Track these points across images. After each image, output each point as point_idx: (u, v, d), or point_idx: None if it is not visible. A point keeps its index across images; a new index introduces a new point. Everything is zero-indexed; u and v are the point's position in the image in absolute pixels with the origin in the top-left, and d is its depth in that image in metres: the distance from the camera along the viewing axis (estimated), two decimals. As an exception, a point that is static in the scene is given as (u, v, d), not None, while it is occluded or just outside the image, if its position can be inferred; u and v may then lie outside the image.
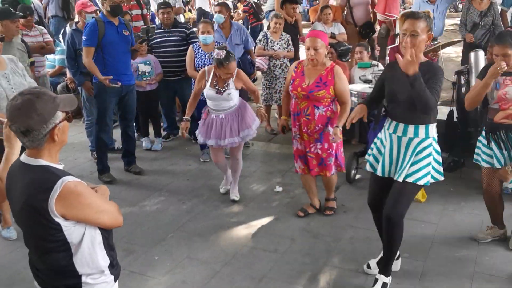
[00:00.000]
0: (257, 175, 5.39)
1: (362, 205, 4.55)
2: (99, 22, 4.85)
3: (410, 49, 2.74)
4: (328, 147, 4.06)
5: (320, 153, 4.07)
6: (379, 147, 3.32)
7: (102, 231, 1.98)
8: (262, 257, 3.81)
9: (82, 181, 1.91)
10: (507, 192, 4.54)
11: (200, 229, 4.25)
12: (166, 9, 5.97)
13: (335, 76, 3.91)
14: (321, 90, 3.89)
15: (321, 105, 3.95)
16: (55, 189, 1.80)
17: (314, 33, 3.98)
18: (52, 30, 9.05)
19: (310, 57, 3.85)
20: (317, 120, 3.97)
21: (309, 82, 3.93)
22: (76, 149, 6.18)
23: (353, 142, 6.01)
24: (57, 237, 1.86)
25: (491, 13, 6.55)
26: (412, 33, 2.90)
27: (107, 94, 5.02)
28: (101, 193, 2.02)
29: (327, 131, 3.99)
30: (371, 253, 3.77)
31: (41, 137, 1.85)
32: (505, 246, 3.78)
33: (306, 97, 3.94)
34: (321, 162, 4.11)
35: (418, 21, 2.91)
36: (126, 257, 3.80)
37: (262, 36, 6.36)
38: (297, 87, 3.96)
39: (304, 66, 4.01)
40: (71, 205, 1.82)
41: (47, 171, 1.86)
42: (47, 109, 1.84)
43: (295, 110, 4.06)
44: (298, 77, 4.00)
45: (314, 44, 3.82)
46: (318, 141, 4.04)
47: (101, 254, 1.98)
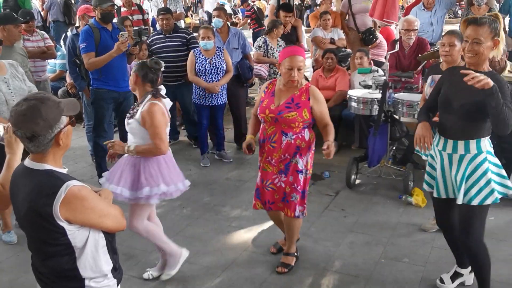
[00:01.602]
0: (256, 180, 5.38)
1: (362, 210, 4.58)
2: (94, 29, 4.87)
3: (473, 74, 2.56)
4: (293, 181, 3.43)
5: (284, 187, 3.46)
6: (431, 163, 3.15)
7: (105, 235, 1.99)
8: (262, 261, 3.81)
9: (86, 185, 1.92)
10: (506, 197, 4.55)
11: (200, 233, 4.26)
12: (165, 15, 6.00)
13: (310, 97, 3.36)
14: (292, 112, 3.32)
15: (290, 131, 3.36)
16: (60, 194, 1.81)
17: (292, 50, 3.43)
18: (53, 35, 9.10)
19: (291, 79, 3.30)
20: (284, 148, 3.39)
21: (278, 103, 3.38)
22: (76, 154, 6.19)
23: (353, 147, 6.04)
24: (61, 241, 1.87)
25: (490, 19, 6.58)
26: (474, 41, 2.72)
27: (104, 100, 5.03)
28: (104, 197, 2.03)
29: (294, 163, 3.42)
30: (371, 258, 3.78)
31: (47, 142, 1.86)
32: (505, 253, 3.79)
33: (275, 120, 3.37)
34: (283, 197, 3.49)
35: (482, 27, 2.71)
36: (126, 261, 3.80)
37: (262, 42, 6.34)
38: (265, 109, 3.40)
39: (276, 86, 3.48)
40: (75, 209, 1.84)
41: (52, 176, 1.87)
42: (52, 114, 1.85)
43: (261, 136, 3.50)
44: (267, 98, 3.45)
45: (297, 63, 3.29)
46: (282, 172, 3.44)
47: (105, 258, 1.99)
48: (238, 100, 6.21)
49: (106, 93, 5.01)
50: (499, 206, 4.46)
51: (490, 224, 4.19)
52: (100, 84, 5.00)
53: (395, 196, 4.80)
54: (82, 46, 4.86)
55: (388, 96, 4.80)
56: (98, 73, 4.94)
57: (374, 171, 5.24)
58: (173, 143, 6.55)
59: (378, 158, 4.99)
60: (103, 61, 4.82)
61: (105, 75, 4.94)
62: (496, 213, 4.37)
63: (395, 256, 3.81)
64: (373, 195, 4.87)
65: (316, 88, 3.50)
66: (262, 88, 3.68)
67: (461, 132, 2.90)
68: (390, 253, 3.86)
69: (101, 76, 4.94)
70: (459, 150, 2.93)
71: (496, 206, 4.46)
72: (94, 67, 4.88)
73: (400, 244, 3.97)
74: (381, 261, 3.75)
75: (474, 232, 2.99)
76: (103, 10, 4.86)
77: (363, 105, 4.99)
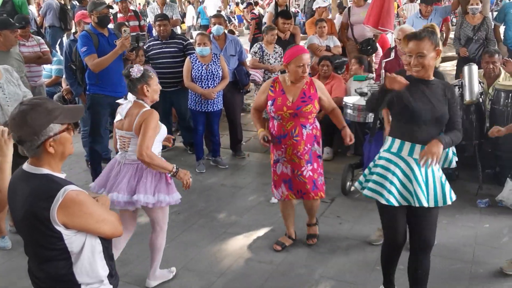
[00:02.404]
0: (252, 186, 5.40)
1: (357, 216, 4.59)
2: (91, 34, 4.88)
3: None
4: (317, 167, 3.82)
5: (312, 175, 3.79)
6: (383, 173, 2.99)
7: (102, 241, 1.99)
8: (257, 268, 3.81)
9: (84, 190, 1.92)
10: (501, 205, 4.58)
11: (196, 240, 4.25)
12: (163, 21, 6.02)
13: (317, 89, 3.76)
14: (308, 105, 3.67)
15: (307, 123, 3.72)
16: (57, 198, 1.81)
17: (298, 48, 3.73)
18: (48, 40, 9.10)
19: (303, 75, 3.64)
20: (306, 140, 3.73)
21: (293, 99, 3.69)
22: (71, 159, 6.17)
23: (348, 154, 6.05)
24: (58, 246, 1.87)
25: (484, 28, 6.64)
26: (418, 54, 2.83)
27: (100, 105, 5.03)
28: (102, 203, 2.03)
29: (314, 150, 3.80)
30: (367, 264, 3.79)
31: (34, 148, 1.87)
32: (499, 261, 3.79)
33: (294, 115, 3.67)
34: (313, 185, 3.81)
35: (423, 41, 2.82)
36: (122, 267, 3.78)
37: (257, 48, 6.39)
38: (282, 106, 3.68)
39: (282, 84, 3.77)
40: (72, 214, 1.84)
41: (50, 180, 1.87)
42: (39, 121, 1.84)
43: (279, 132, 3.74)
44: (279, 96, 3.72)
45: (306, 60, 3.64)
46: (309, 162, 3.76)
47: (101, 264, 1.99)
48: (234, 106, 6.22)
49: (103, 98, 5.00)
50: (494, 214, 4.52)
51: (485, 231, 4.23)
52: (97, 90, 5.00)
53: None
54: (83, 50, 4.85)
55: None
56: (95, 78, 4.93)
57: (369, 178, 5.24)
58: (168, 149, 6.56)
59: (374, 165, 5.00)
60: (108, 60, 4.81)
61: (102, 80, 4.94)
62: (490, 221, 4.40)
63: (390, 263, 3.81)
64: (368, 202, 4.86)
65: (316, 79, 3.89)
66: (265, 86, 3.84)
67: (431, 138, 2.88)
68: (385, 260, 3.86)
69: (98, 82, 4.94)
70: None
71: (490, 214, 4.52)
72: (99, 68, 4.85)
73: (395, 251, 3.98)
74: (376, 268, 3.75)
75: (434, 236, 3.05)
76: (99, 13, 4.86)
77: (359, 112, 5.02)
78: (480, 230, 4.23)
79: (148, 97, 3.34)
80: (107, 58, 4.80)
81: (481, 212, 4.58)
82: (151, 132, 3.18)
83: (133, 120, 3.24)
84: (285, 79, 3.77)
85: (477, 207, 4.63)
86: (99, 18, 4.88)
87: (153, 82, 3.34)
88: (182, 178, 3.35)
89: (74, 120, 1.97)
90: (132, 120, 3.24)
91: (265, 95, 3.80)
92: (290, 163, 3.80)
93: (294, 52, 3.66)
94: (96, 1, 5.06)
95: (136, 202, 3.23)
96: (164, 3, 8.24)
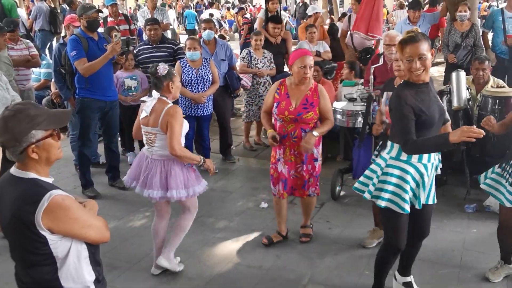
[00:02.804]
0: (242, 191, 5.39)
1: (347, 221, 4.60)
2: (81, 38, 4.85)
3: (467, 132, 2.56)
4: (311, 168, 3.99)
5: (304, 175, 3.99)
6: (402, 185, 2.98)
7: (88, 246, 1.97)
8: (246, 273, 3.80)
9: (70, 195, 1.91)
10: (488, 210, 4.62)
11: (185, 245, 4.22)
12: (153, 25, 6.01)
13: (320, 96, 3.86)
14: (309, 112, 3.82)
15: (307, 127, 3.86)
16: (43, 202, 1.80)
17: (302, 51, 3.90)
18: (38, 44, 9.05)
19: (304, 76, 3.76)
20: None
21: (295, 105, 3.83)
22: (60, 163, 6.11)
23: (338, 159, 6.07)
24: (43, 251, 1.86)
25: (473, 34, 6.71)
26: (420, 57, 2.77)
27: (90, 109, 5.00)
28: (89, 208, 2.02)
29: (311, 153, 3.95)
30: (356, 269, 3.79)
31: (17, 153, 1.86)
32: (487, 266, 3.82)
33: (295, 120, 3.84)
34: (303, 184, 4.02)
35: (421, 42, 2.78)
36: (110, 272, 3.76)
37: (245, 53, 6.46)
38: (284, 110, 3.84)
39: (288, 87, 3.92)
40: (57, 219, 1.83)
41: (36, 184, 1.86)
42: (19, 128, 1.82)
43: (280, 132, 3.92)
44: (283, 100, 3.88)
45: (309, 62, 3.76)
46: (303, 162, 3.96)
47: (87, 269, 1.97)
48: (225, 110, 6.22)
49: (93, 102, 4.98)
50: (481, 219, 4.55)
51: (472, 237, 4.26)
52: (86, 94, 4.97)
53: (379, 208, 4.83)
54: (72, 54, 4.81)
55: (372, 109, 4.85)
56: (85, 82, 4.91)
57: (358, 183, 5.26)
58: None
59: (363, 170, 4.97)
60: (99, 64, 4.79)
61: (92, 84, 4.91)
62: (478, 226, 4.43)
63: (379, 268, 3.82)
64: (358, 207, 4.90)
65: (322, 86, 3.94)
66: (272, 89, 4.01)
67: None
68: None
69: (88, 85, 4.92)
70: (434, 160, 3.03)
71: (478, 219, 4.56)
72: (89, 72, 4.82)
73: (384, 256, 3.99)
74: (365, 273, 3.76)
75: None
76: (89, 17, 4.84)
77: (348, 118, 5.05)
78: (468, 235, 4.26)
79: (172, 93, 3.54)
80: (97, 62, 4.78)
81: (469, 217, 4.61)
82: (178, 128, 3.40)
83: (158, 116, 3.42)
84: (291, 81, 3.91)
85: (465, 212, 4.67)
86: (88, 22, 4.86)
87: (176, 80, 3.57)
88: (209, 166, 3.63)
89: (59, 126, 1.95)
90: (157, 117, 3.42)
91: (272, 97, 3.96)
92: (287, 164, 3.98)
93: (298, 54, 3.82)
94: (86, 5, 5.06)
95: (171, 197, 3.50)
96: (155, 7, 8.24)
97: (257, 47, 6.40)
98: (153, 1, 8.25)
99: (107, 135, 5.34)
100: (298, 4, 18.90)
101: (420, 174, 2.98)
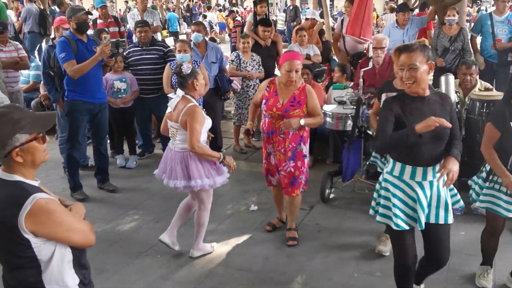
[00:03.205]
0: (232, 194, 5.39)
1: (336, 224, 4.62)
2: (70, 40, 4.83)
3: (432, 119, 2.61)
4: (300, 165, 4.07)
5: (293, 171, 4.07)
6: (388, 196, 2.97)
7: (73, 250, 1.96)
8: (236, 276, 3.80)
9: (55, 199, 1.90)
10: (476, 213, 4.65)
11: (174, 247, 4.22)
12: (143, 27, 6.01)
13: (307, 94, 3.97)
14: (296, 110, 3.92)
15: None
16: (26, 206, 1.79)
17: (291, 54, 3.98)
18: (27, 46, 8.99)
19: (290, 79, 3.88)
20: (291, 138, 4.00)
21: (283, 102, 3.96)
22: (48, 166, 6.08)
23: (328, 162, 6.09)
24: (26, 253, 1.85)
25: (461, 38, 6.77)
26: (410, 67, 2.71)
27: (78, 112, 4.98)
28: (75, 211, 2.01)
29: (300, 149, 4.05)
30: (345, 272, 3.80)
31: (1, 157, 1.86)
32: (474, 268, 3.85)
33: (282, 116, 3.95)
34: (293, 181, 4.11)
35: (415, 52, 2.72)
36: (98, 275, 3.74)
37: (234, 56, 6.50)
38: (272, 107, 3.98)
39: (277, 85, 4.04)
40: (41, 222, 1.82)
41: (20, 187, 1.85)
42: (2, 132, 1.82)
43: (269, 128, 4.06)
44: (271, 97, 4.02)
45: (295, 66, 3.86)
46: (291, 159, 4.04)
47: (70, 273, 1.96)
48: (215, 113, 6.21)
49: (82, 104, 4.95)
50: (469, 221, 4.58)
51: (460, 239, 4.29)
52: (75, 96, 4.94)
53: (368, 211, 4.80)
54: (61, 56, 4.78)
55: (361, 112, 4.87)
56: (74, 84, 4.88)
57: (348, 186, 5.29)
58: (148, 156, 6.52)
59: (352, 173, 5.05)
60: (88, 66, 4.77)
61: (81, 86, 4.89)
62: (466, 228, 4.46)
63: (368, 270, 3.84)
64: (347, 210, 4.91)
65: (310, 87, 4.04)
66: (263, 85, 4.17)
67: (435, 159, 2.85)
68: (363, 267, 3.89)
69: (77, 88, 4.89)
70: (428, 177, 2.88)
71: (466, 221, 4.58)
72: (78, 74, 4.79)
73: (373, 259, 4.00)
74: (354, 275, 3.78)
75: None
76: (78, 19, 4.82)
77: (338, 121, 5.06)
78: (456, 238, 4.28)
79: (197, 91, 3.79)
80: (86, 64, 4.76)
81: (457, 219, 4.61)
82: (197, 126, 3.61)
83: (179, 114, 3.67)
84: (280, 81, 4.03)
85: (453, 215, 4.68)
86: (77, 24, 4.83)
87: (200, 77, 3.80)
88: (229, 162, 3.80)
89: (43, 129, 1.93)
90: (178, 114, 3.67)
91: (261, 93, 4.11)
92: (276, 159, 4.13)
93: (287, 57, 3.94)
94: (75, 7, 5.03)
95: (194, 186, 3.69)
96: (145, 9, 8.21)
97: (245, 50, 6.44)
98: (143, 3, 8.23)
99: (96, 138, 5.31)
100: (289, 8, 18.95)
101: (414, 191, 2.88)
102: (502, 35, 6.86)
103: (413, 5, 11.11)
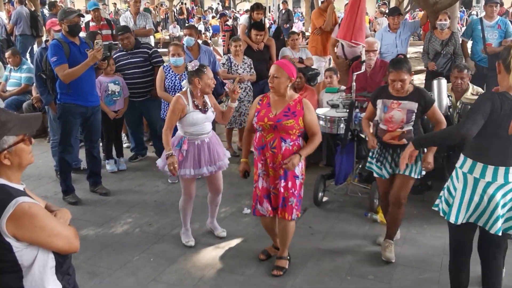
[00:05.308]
0: (225, 197, 5.36)
1: (329, 227, 4.63)
2: (62, 43, 4.80)
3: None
4: (291, 186, 3.67)
5: (283, 192, 3.67)
6: (452, 192, 3.16)
7: (56, 256, 1.93)
8: (229, 279, 3.79)
9: (38, 203, 1.88)
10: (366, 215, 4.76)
11: (167, 251, 4.21)
12: (124, 34, 5.96)
13: (304, 107, 3.66)
14: (290, 120, 3.59)
15: (288, 138, 3.61)
16: (8, 209, 1.77)
17: (279, 61, 3.88)
18: (19, 48, 8.94)
19: (270, 84, 3.64)
20: (283, 154, 3.61)
21: (276, 112, 3.64)
22: (40, 169, 6.05)
23: (321, 165, 6.10)
24: (8, 258, 1.82)
25: (452, 43, 6.83)
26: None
27: (71, 115, 4.95)
28: (60, 216, 1.98)
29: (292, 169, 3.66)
30: (338, 275, 3.81)
31: None
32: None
33: (274, 127, 3.61)
34: (282, 202, 3.70)
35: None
36: (91, 279, 3.72)
37: (225, 59, 6.52)
38: (263, 117, 3.65)
39: (270, 98, 3.76)
40: (23, 227, 1.79)
41: (3, 191, 1.83)
42: None
43: (259, 143, 3.71)
44: (264, 108, 3.72)
45: (273, 71, 3.62)
46: (282, 178, 3.66)
47: (52, 279, 1.93)
48: (208, 116, 6.21)
49: (74, 107, 4.93)
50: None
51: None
52: (68, 99, 4.91)
53: (361, 214, 4.87)
54: (53, 59, 4.74)
55: (354, 116, 4.90)
56: (66, 87, 4.85)
57: (340, 189, 5.31)
58: (140, 159, 6.50)
59: (345, 176, 5.07)
60: (79, 71, 4.74)
61: (73, 89, 4.86)
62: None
63: (360, 273, 3.85)
64: (340, 213, 4.93)
65: (307, 100, 3.78)
66: (255, 102, 3.88)
67: (506, 159, 2.94)
68: (356, 270, 3.90)
69: (69, 91, 4.86)
70: (499, 179, 2.96)
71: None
72: (70, 78, 4.77)
73: (366, 262, 4.02)
74: (347, 278, 3.79)
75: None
76: (70, 22, 4.78)
77: (330, 124, 5.08)
78: (448, 240, 4.30)
79: (199, 89, 4.01)
80: (78, 69, 4.73)
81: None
82: (170, 114, 3.94)
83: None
84: (273, 94, 3.75)
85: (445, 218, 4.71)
86: (70, 26, 4.80)
87: (205, 77, 3.99)
88: (169, 163, 3.91)
89: (30, 131, 1.91)
90: None
91: (254, 110, 3.79)
92: (267, 177, 3.76)
93: (276, 62, 3.89)
94: (67, 10, 5.00)
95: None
96: (138, 12, 8.20)
97: (236, 53, 6.45)
98: (136, 6, 8.21)
99: (88, 141, 5.28)
100: (281, 11, 19.01)
101: (486, 193, 2.95)
102: (492, 39, 6.94)
103: (405, 9, 11.19)
